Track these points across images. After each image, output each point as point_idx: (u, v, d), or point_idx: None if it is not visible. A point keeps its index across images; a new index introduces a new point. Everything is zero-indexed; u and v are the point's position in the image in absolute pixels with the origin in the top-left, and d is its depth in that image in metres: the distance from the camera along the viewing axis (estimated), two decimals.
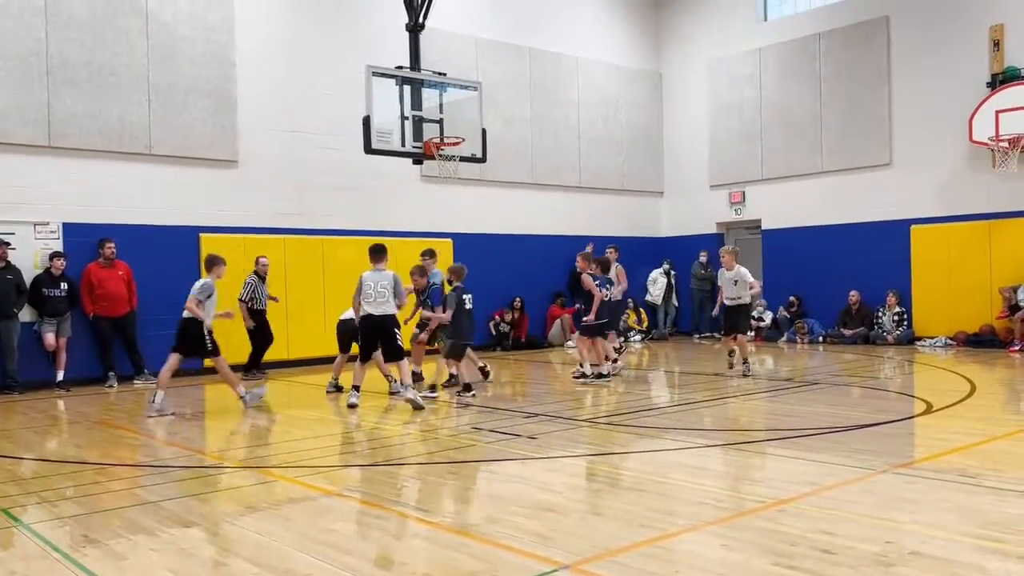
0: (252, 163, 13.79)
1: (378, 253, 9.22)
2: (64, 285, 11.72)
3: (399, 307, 9.15)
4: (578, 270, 11.93)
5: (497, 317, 16.17)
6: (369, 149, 11.68)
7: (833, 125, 16.86)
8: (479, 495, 5.64)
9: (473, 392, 9.71)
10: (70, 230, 12.11)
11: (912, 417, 8.08)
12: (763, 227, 18.08)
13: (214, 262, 9.56)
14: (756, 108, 18.08)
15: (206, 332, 9.23)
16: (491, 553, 4.27)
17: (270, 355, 12.88)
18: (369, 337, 9.20)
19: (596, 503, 5.29)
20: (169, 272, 12.82)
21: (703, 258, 18.48)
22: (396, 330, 9.07)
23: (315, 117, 14.39)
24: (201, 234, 13.15)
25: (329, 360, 13.64)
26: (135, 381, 12.07)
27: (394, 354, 9.14)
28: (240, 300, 12.17)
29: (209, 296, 9.25)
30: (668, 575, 3.98)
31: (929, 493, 5.21)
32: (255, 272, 12.46)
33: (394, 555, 4.33)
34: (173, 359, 9.29)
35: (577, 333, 11.95)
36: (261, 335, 12.55)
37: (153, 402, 9.13)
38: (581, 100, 18.29)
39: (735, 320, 11.45)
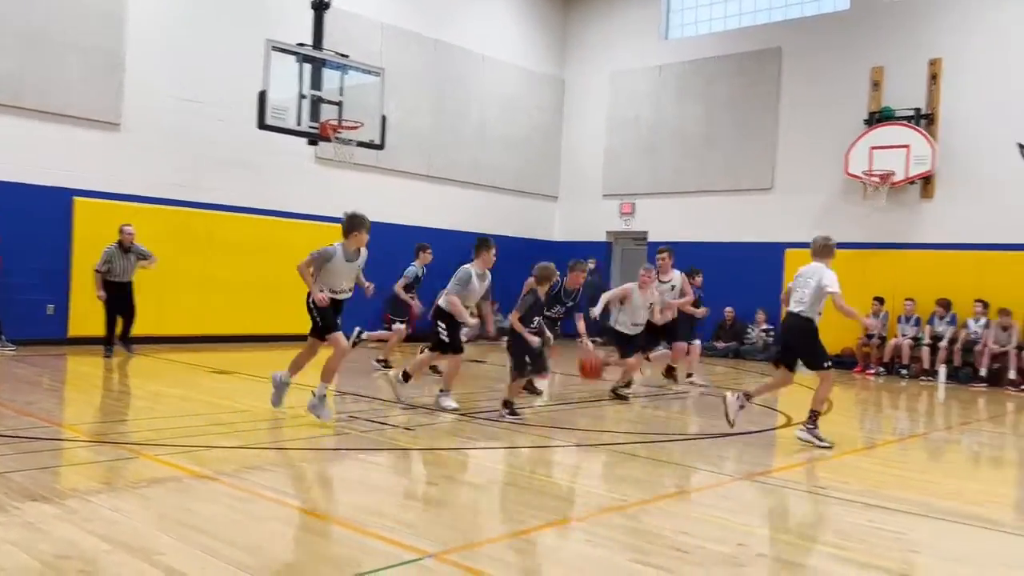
0: (137, 128, 13.17)
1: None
2: None
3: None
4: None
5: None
6: (262, 124, 11.33)
7: (723, 147, 17.52)
8: (349, 483, 5.58)
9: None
10: None
11: (772, 429, 8.50)
12: (649, 239, 18.60)
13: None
14: (652, 123, 18.58)
15: (312, 307, 7.65)
16: (357, 540, 4.24)
17: (140, 329, 12.29)
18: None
19: (467, 496, 5.34)
20: (37, 234, 12.10)
21: (591, 265, 18.81)
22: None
23: (209, 87, 13.87)
24: (75, 197, 12.48)
25: (204, 339, 13.26)
26: None
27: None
28: (96, 270, 11.51)
29: (327, 262, 7.73)
30: (530, 567, 4.07)
31: (782, 501, 5.50)
32: (118, 242, 11.81)
33: (256, 538, 4.24)
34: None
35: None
36: (119, 308, 11.81)
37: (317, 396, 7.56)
38: (484, 97, 18.34)
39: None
